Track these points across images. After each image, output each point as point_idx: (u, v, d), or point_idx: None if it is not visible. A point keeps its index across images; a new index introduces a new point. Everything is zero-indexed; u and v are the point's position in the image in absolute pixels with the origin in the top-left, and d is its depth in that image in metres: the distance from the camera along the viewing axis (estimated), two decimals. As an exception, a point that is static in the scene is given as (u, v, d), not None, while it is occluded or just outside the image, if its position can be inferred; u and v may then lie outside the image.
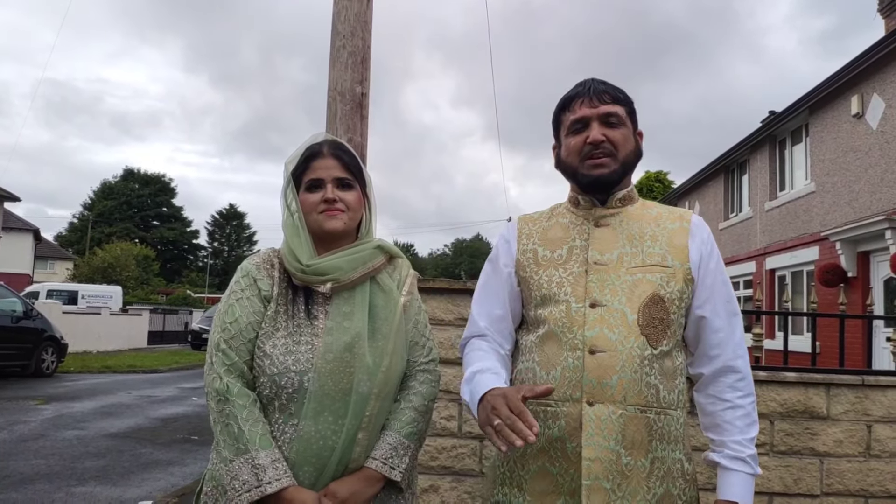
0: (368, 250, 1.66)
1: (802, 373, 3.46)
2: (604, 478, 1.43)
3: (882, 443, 3.39)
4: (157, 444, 7.37)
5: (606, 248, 1.57)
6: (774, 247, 13.92)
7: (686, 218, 1.63)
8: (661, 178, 26.25)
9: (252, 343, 1.55)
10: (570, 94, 1.64)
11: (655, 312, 1.50)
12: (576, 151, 1.59)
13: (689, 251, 1.56)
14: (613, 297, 1.51)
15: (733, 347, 1.57)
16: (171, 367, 17.11)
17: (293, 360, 1.52)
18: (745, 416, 1.55)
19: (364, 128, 4.15)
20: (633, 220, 1.61)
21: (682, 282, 1.54)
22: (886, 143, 10.20)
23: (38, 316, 14.14)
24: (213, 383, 1.52)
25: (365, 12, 4.22)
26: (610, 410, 1.44)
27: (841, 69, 10.90)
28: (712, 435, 1.58)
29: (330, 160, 1.65)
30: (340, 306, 1.60)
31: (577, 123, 1.59)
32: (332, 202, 1.61)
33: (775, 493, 3.36)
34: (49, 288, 27.00)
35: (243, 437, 1.46)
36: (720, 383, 1.57)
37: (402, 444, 1.58)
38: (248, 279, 1.62)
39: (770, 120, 14.13)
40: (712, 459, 1.55)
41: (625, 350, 1.46)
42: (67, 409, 9.51)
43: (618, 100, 1.60)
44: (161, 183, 64.72)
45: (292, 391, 1.52)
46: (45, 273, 44.12)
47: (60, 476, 5.81)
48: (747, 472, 1.52)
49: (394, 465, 1.56)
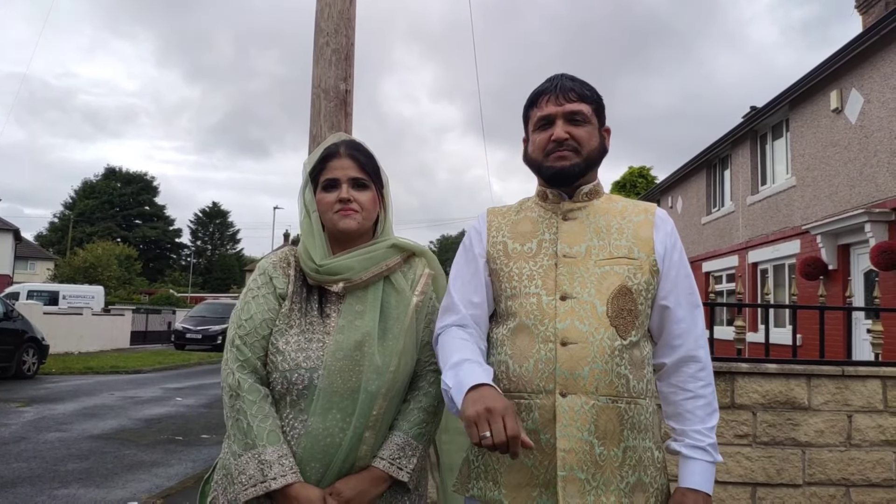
0: (382, 250, 1.68)
1: (784, 364, 3.51)
2: (578, 468, 1.45)
3: (862, 432, 3.44)
4: (141, 445, 7.29)
5: (575, 241, 1.60)
6: (756, 241, 14.06)
7: (650, 211, 1.67)
8: (644, 173, 26.42)
9: (266, 340, 1.59)
10: (538, 90, 1.67)
11: (624, 304, 1.54)
12: (540, 148, 1.63)
13: (654, 243, 1.60)
14: (583, 290, 1.54)
15: (695, 338, 1.61)
16: (155, 367, 16.94)
17: (304, 357, 1.55)
18: (706, 405, 1.59)
19: (348, 125, 4.14)
20: (599, 213, 1.64)
21: (648, 273, 1.57)
22: (865, 137, 10.34)
23: (18, 317, 13.95)
24: (227, 378, 1.57)
25: (348, 9, 4.20)
26: (582, 401, 1.47)
27: (820, 65, 11.02)
28: (674, 424, 1.62)
29: (346, 160, 1.68)
30: (353, 305, 1.62)
31: (543, 120, 1.63)
32: (347, 202, 1.64)
33: (758, 484, 3.40)
34: (30, 288, 26.70)
35: (252, 432, 1.49)
36: (682, 373, 1.61)
37: (410, 444, 1.59)
38: (264, 277, 1.66)
39: (751, 115, 14.25)
40: (674, 448, 1.59)
41: (595, 341, 1.49)
42: (49, 411, 9.40)
43: (584, 97, 1.63)
44: (143, 181, 64.16)
45: (302, 387, 1.55)
46: (25, 273, 43.59)
47: (43, 479, 5.74)
48: (707, 461, 1.55)
49: (401, 465, 1.57)
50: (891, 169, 9.70)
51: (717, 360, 3.48)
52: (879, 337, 3.67)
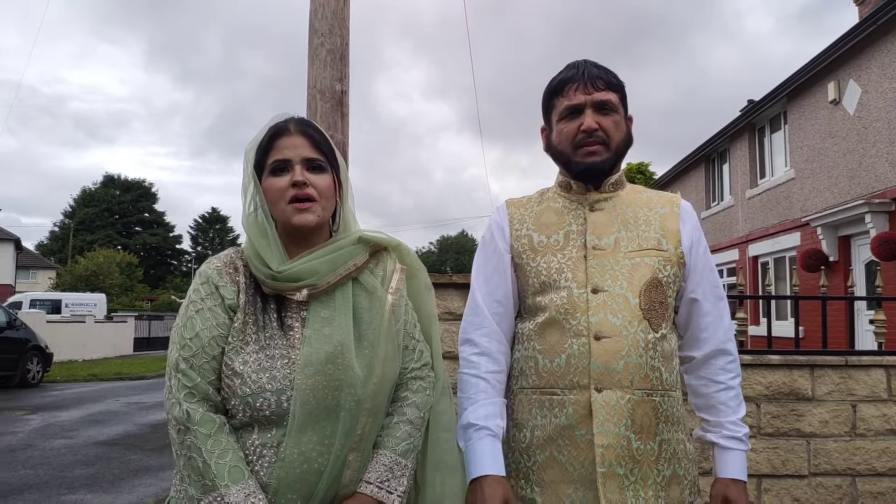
0: (348, 247, 1.44)
1: (787, 355, 3.51)
2: (617, 464, 1.45)
3: (867, 422, 3.44)
4: (147, 451, 7.31)
5: (603, 233, 1.57)
6: (756, 234, 14.06)
7: (676, 203, 1.65)
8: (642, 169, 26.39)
9: (217, 361, 1.34)
10: (563, 78, 1.60)
11: (655, 296, 1.52)
12: (568, 138, 1.57)
13: (681, 235, 1.59)
14: (614, 282, 1.51)
15: (724, 331, 1.61)
16: (159, 373, 16.88)
17: (268, 378, 1.31)
18: (736, 396, 1.60)
19: (345, 126, 4.14)
20: (625, 204, 1.61)
21: (676, 265, 1.56)
22: (863, 128, 10.33)
23: (21, 326, 13.98)
24: (173, 410, 1.31)
25: (342, 9, 4.20)
26: (618, 396, 1.46)
27: (817, 56, 11.01)
28: (707, 416, 1.61)
29: (298, 138, 1.43)
30: (319, 312, 1.39)
31: (570, 110, 1.56)
32: (302, 186, 1.39)
33: (764, 475, 3.40)
34: (32, 297, 26.67)
35: (209, 472, 1.26)
36: (712, 365, 1.60)
37: (398, 463, 1.40)
38: (208, 287, 1.39)
39: (749, 108, 14.25)
40: (709, 439, 1.59)
41: (629, 335, 1.48)
42: (55, 419, 9.42)
43: (611, 85, 1.58)
44: (142, 188, 64.12)
45: (269, 413, 1.31)
46: (27, 283, 43.58)
47: (50, 485, 5.75)
48: (743, 450, 1.58)
49: (391, 488, 1.37)
50: (890, 159, 9.69)
51: (719, 353, 3.48)
52: (882, 326, 3.66)
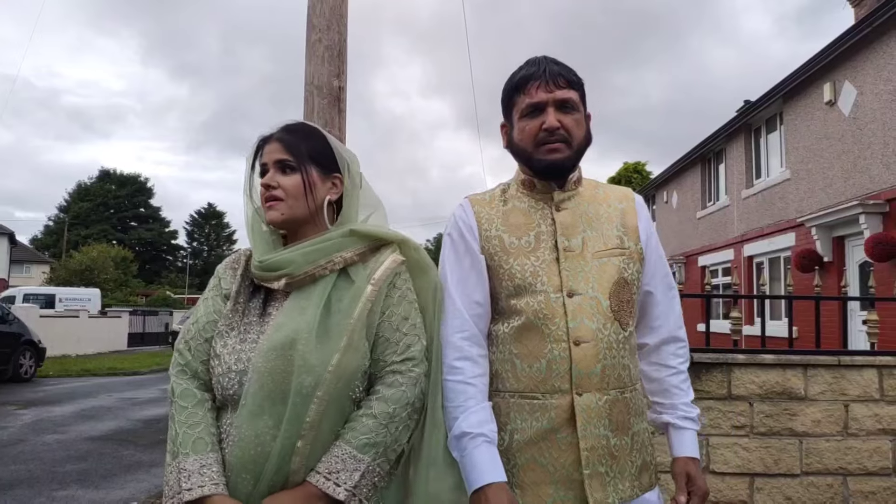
0: (334, 240, 1.50)
1: (780, 354, 3.52)
2: (599, 463, 1.48)
3: (859, 421, 3.45)
4: (140, 446, 7.29)
5: (571, 234, 1.58)
6: (751, 234, 14.09)
7: (630, 197, 1.69)
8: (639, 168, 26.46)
9: (209, 343, 1.49)
10: (524, 75, 1.58)
11: (623, 295, 1.55)
12: (531, 136, 1.56)
13: (639, 231, 1.62)
14: (586, 285, 1.53)
15: (675, 318, 1.68)
16: (152, 368, 16.91)
17: (235, 360, 1.43)
18: (686, 379, 1.67)
19: (342, 121, 4.13)
20: (587, 201, 1.63)
21: (638, 262, 1.60)
22: (859, 129, 10.36)
23: (14, 320, 13.91)
24: (169, 384, 1.50)
25: (340, 6, 4.20)
26: (597, 398, 1.49)
27: (813, 57, 11.03)
28: (660, 399, 1.67)
29: (274, 143, 1.54)
30: (298, 302, 1.46)
31: (533, 107, 1.56)
32: (269, 188, 1.50)
33: (756, 474, 3.41)
34: (25, 292, 26.57)
35: (177, 439, 1.39)
36: (664, 351, 1.67)
37: (353, 456, 1.37)
38: (215, 279, 1.59)
39: (745, 109, 14.28)
40: (664, 420, 1.64)
41: (604, 337, 1.51)
42: (47, 414, 9.38)
43: (572, 83, 1.57)
44: (137, 183, 63.92)
45: (232, 393, 1.42)
46: (21, 277, 43.39)
47: (41, 481, 5.73)
48: (696, 429, 1.64)
49: (339, 480, 1.34)
50: (884, 160, 9.72)
51: (713, 352, 3.49)
52: (875, 326, 3.68)
